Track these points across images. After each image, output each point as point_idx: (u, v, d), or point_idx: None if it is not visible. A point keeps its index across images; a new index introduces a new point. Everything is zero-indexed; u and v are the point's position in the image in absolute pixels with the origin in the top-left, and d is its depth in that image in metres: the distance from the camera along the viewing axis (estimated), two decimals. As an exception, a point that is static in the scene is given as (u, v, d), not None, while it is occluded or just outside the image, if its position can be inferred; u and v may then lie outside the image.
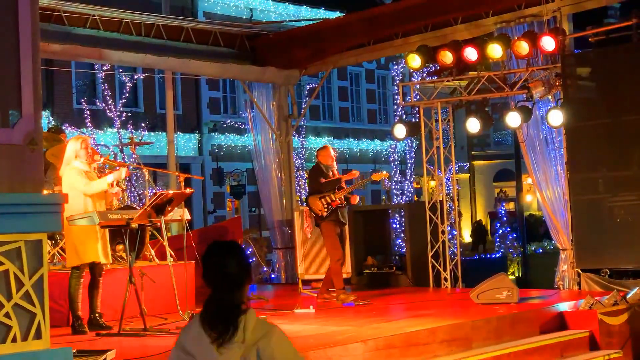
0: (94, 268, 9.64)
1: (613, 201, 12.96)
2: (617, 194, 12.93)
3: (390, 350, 8.54)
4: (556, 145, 13.57)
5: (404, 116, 16.39)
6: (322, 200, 12.03)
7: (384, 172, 13.08)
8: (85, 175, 9.54)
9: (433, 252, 14.35)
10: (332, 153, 12.54)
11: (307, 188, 12.89)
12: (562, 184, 13.38)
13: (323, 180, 12.12)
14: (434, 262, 14.31)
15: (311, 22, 17.37)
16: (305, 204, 12.59)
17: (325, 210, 12.02)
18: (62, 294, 10.12)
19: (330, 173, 12.30)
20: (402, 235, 20.12)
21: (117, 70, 26.68)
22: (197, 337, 4.19)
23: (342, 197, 12.16)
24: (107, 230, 9.69)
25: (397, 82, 30.26)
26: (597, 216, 13.06)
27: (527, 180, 29.77)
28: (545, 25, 13.17)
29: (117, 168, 12.36)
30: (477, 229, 34.40)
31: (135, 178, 18.59)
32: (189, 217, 10.67)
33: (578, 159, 13.09)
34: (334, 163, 12.53)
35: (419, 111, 14.80)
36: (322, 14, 33.50)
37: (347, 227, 12.56)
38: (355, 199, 12.56)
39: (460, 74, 13.95)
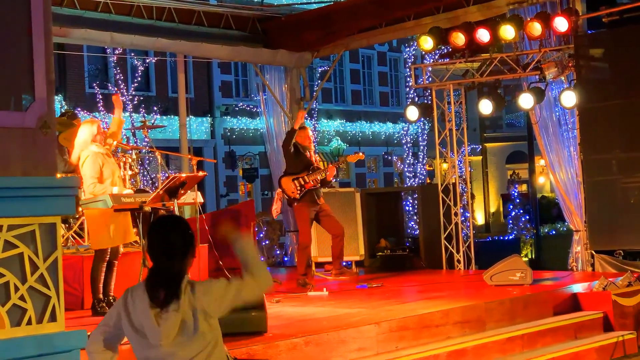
0: (112, 251, 9.65)
1: (626, 182, 12.93)
2: (631, 174, 12.89)
3: (403, 332, 8.56)
4: (569, 126, 13.53)
5: (416, 98, 16.35)
6: (296, 182, 11.95)
7: (360, 154, 12.96)
8: (101, 160, 9.54)
9: (446, 234, 14.35)
10: (310, 134, 12.51)
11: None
12: (576, 165, 13.36)
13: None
14: (447, 244, 14.32)
15: (323, 5, 17.29)
16: (277, 185, 12.46)
17: (298, 192, 11.95)
18: (76, 278, 10.17)
19: (308, 153, 12.24)
20: (415, 217, 20.15)
21: (128, 54, 26.69)
22: (141, 307, 4.48)
23: (317, 179, 12.09)
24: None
25: (409, 64, 30.23)
26: (610, 197, 13.03)
27: (539, 162, 29.78)
28: (558, 5, 13.12)
29: (130, 152, 12.41)
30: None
31: (148, 162, 18.61)
32: (202, 200, 10.68)
33: (591, 140, 13.06)
34: (312, 145, 12.47)
35: (431, 93, 14.78)
36: (333, -4, 33.39)
37: (323, 204, 12.27)
38: (332, 174, 12.28)
39: (472, 55, 13.92)
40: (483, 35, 13.27)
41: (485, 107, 13.82)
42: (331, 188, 13.86)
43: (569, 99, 12.74)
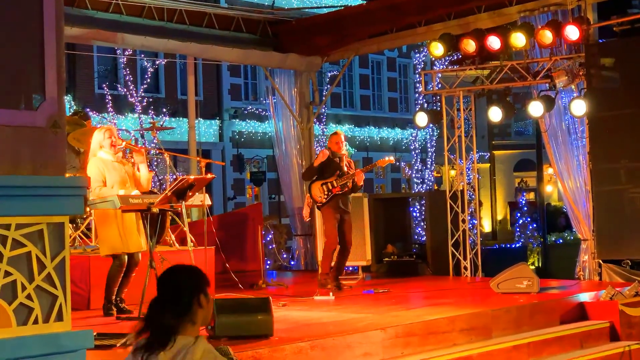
0: (132, 258, 9.59)
1: (635, 192, 12.88)
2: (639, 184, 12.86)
3: (409, 338, 8.54)
4: (578, 135, 13.51)
5: (426, 105, 16.34)
6: (324, 186, 11.96)
7: (390, 158, 12.92)
8: (104, 167, 9.48)
9: (453, 240, 14.32)
10: (342, 138, 12.47)
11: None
12: (584, 174, 13.33)
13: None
14: (454, 250, 14.29)
15: (333, 9, 17.30)
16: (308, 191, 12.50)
17: (325, 197, 11.95)
18: (82, 277, 10.16)
19: (338, 159, 12.22)
20: (422, 223, 20.10)
21: (138, 55, 26.73)
22: None
23: (346, 185, 12.07)
24: (139, 218, 9.63)
25: (419, 70, 30.20)
26: (618, 207, 12.99)
27: (547, 171, 29.71)
28: (570, 14, 13.09)
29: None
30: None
31: (156, 163, 18.63)
32: (210, 203, 10.68)
33: (600, 149, 13.02)
34: (343, 150, 12.42)
35: (441, 100, 14.75)
36: (344, 1, 33.40)
37: (348, 214, 12.32)
38: (361, 178, 12.31)
39: (482, 62, 13.91)
40: (494, 42, 13.26)
41: (495, 114, 13.80)
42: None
43: (579, 107, 12.71)
